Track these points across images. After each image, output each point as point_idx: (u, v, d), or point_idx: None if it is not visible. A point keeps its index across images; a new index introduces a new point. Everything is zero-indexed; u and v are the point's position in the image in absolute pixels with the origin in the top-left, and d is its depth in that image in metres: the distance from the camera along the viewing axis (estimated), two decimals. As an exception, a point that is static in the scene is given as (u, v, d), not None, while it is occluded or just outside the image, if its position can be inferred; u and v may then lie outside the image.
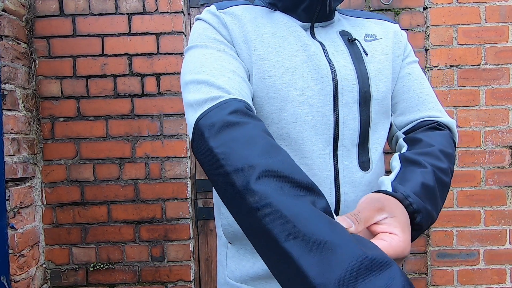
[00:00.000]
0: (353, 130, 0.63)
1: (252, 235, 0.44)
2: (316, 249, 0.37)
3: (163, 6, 1.61)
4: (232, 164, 0.45)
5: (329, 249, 0.36)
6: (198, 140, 0.51)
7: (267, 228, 0.40)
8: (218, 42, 0.62)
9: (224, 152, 0.47)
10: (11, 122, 1.45)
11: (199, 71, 0.57)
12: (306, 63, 0.62)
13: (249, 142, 0.47)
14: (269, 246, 0.41)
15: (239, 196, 0.44)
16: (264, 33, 0.64)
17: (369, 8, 1.61)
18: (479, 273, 1.62)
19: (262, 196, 0.42)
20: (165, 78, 1.62)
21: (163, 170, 1.63)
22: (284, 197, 0.42)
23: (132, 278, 1.64)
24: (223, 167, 0.46)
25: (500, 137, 1.61)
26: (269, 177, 0.43)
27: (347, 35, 0.67)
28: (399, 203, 0.48)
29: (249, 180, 0.43)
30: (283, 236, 0.39)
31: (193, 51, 0.62)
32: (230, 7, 0.66)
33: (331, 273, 0.35)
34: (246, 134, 0.48)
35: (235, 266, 0.68)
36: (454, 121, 0.69)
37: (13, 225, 1.43)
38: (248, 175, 0.44)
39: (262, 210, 0.41)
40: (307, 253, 0.37)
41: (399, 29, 0.74)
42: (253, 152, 0.46)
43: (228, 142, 0.47)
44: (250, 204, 0.42)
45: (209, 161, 0.49)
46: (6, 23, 1.45)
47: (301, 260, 0.37)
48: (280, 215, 0.40)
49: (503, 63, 1.60)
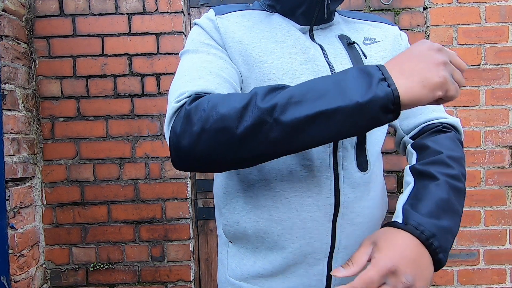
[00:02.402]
0: None
1: (299, 135, 0.48)
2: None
3: (163, 6, 1.61)
4: (232, 118, 0.48)
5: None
6: (180, 141, 0.52)
7: (294, 117, 0.47)
8: (208, 46, 0.64)
9: (216, 119, 0.49)
10: (11, 122, 1.45)
11: (181, 77, 0.60)
12: (305, 65, 0.63)
13: (226, 98, 0.51)
14: (320, 121, 0.47)
15: (256, 127, 0.48)
16: (263, 38, 0.65)
17: (369, 8, 1.61)
18: (479, 273, 1.62)
19: (273, 105, 0.47)
20: (165, 78, 1.62)
21: (163, 170, 1.63)
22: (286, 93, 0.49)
23: (132, 278, 1.64)
24: (226, 128, 0.49)
25: (500, 137, 1.61)
26: (265, 96, 0.49)
27: (346, 39, 0.68)
28: (396, 231, 0.51)
29: (251, 110, 0.48)
30: (314, 106, 0.46)
31: (185, 56, 0.65)
32: (228, 13, 0.68)
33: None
34: (218, 98, 0.51)
35: (236, 265, 0.68)
36: (458, 119, 0.70)
37: (13, 225, 1.43)
38: (251, 107, 0.48)
39: (282, 114, 0.47)
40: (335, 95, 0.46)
41: (399, 32, 0.74)
42: (235, 99, 0.50)
43: (210, 111, 0.50)
44: (271, 118, 0.47)
45: (208, 141, 0.50)
46: (6, 23, 1.45)
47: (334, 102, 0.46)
48: (299, 100, 0.47)
49: (503, 63, 1.60)
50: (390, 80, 0.45)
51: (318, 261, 0.63)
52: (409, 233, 0.50)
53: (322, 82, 0.49)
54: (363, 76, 0.46)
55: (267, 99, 0.48)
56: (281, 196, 0.62)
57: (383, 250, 0.47)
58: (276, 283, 0.65)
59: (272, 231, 0.63)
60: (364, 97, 0.45)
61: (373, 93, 0.45)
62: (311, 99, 0.47)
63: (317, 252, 0.63)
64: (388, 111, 0.46)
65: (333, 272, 0.48)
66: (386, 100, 0.45)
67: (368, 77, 0.46)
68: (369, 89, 0.45)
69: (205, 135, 0.49)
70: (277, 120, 0.47)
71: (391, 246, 0.48)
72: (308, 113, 0.46)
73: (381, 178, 0.72)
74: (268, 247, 0.64)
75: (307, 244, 0.62)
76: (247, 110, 0.48)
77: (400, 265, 0.46)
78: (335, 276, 0.49)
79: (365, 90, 0.45)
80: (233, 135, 0.48)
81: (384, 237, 0.49)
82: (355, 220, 0.64)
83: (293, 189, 0.62)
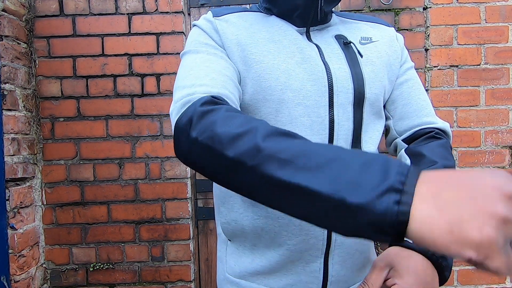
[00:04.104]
0: (347, 130, 0.64)
1: (269, 193, 0.43)
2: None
3: (163, 6, 1.61)
4: (221, 142, 0.46)
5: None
6: (180, 138, 0.52)
7: (270, 174, 0.41)
8: (208, 46, 0.65)
9: (209, 136, 0.48)
10: (11, 122, 1.45)
11: (187, 75, 0.60)
12: (301, 65, 0.64)
13: (229, 119, 0.49)
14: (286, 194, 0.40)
15: (236, 162, 0.44)
16: (260, 38, 0.66)
17: (369, 8, 1.61)
18: (479, 273, 1.62)
19: (259, 150, 0.42)
20: (165, 78, 1.62)
21: (163, 170, 1.63)
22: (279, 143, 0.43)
23: (132, 278, 1.64)
24: (212, 148, 0.47)
25: (500, 137, 1.61)
26: (269, 138, 0.44)
27: (343, 39, 0.69)
28: (409, 253, 0.51)
29: (246, 143, 0.44)
30: (288, 174, 0.39)
31: (186, 57, 0.65)
32: (226, 15, 0.69)
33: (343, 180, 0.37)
34: (222, 115, 0.50)
35: (234, 262, 0.69)
36: (448, 124, 0.72)
37: (13, 225, 1.43)
38: (241, 141, 0.45)
39: (263, 161, 0.42)
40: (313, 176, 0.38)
41: (395, 33, 0.75)
42: (235, 123, 0.47)
43: (209, 126, 0.49)
44: (251, 161, 0.42)
45: (198, 151, 0.49)
46: (6, 23, 1.46)
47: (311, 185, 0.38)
48: (278, 159, 0.41)
49: (503, 63, 1.60)
50: (407, 197, 0.33)
51: (315, 258, 0.64)
52: (422, 255, 0.51)
53: (328, 151, 0.40)
54: (377, 172, 0.35)
55: (262, 140, 0.43)
56: None
57: (404, 276, 0.48)
58: (274, 280, 0.66)
59: (269, 228, 0.64)
60: (354, 198, 0.35)
61: (368, 199, 0.34)
62: (299, 165, 0.39)
63: (313, 249, 0.64)
64: (381, 232, 0.35)
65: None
66: (381, 218, 0.34)
67: (381, 177, 0.35)
68: (368, 192, 0.34)
69: (196, 145, 0.49)
70: (253, 167, 0.42)
71: (411, 271, 0.49)
72: (285, 178, 0.39)
73: None
74: (266, 245, 0.66)
75: (303, 241, 0.63)
76: (238, 141, 0.45)
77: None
78: None
79: (363, 190, 0.35)
80: (218, 158, 0.47)
81: (399, 260, 0.50)
82: None
83: None
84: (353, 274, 0.67)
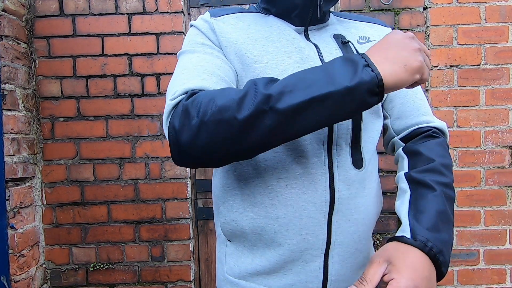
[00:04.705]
0: (346, 129, 0.65)
1: (297, 120, 0.50)
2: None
3: (163, 6, 1.61)
4: (229, 109, 0.50)
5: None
6: (180, 135, 0.53)
7: (289, 104, 0.49)
8: (205, 46, 0.66)
9: (213, 112, 0.50)
10: (11, 122, 1.45)
11: (180, 76, 0.61)
12: (300, 65, 0.64)
13: (221, 92, 0.53)
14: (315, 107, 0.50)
15: (254, 116, 0.50)
16: (258, 38, 0.66)
17: (369, 8, 1.61)
18: (479, 273, 1.62)
19: (268, 95, 0.50)
20: (165, 78, 1.62)
21: (163, 170, 1.63)
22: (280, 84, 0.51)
23: (132, 278, 1.64)
24: (222, 120, 0.50)
25: (500, 137, 1.61)
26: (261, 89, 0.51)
27: (341, 38, 0.70)
28: (407, 247, 0.52)
29: (251, 99, 0.50)
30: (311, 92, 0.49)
31: (182, 57, 0.66)
32: (224, 16, 0.70)
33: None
34: (212, 93, 0.53)
35: (234, 263, 0.69)
36: (445, 123, 0.73)
37: (13, 225, 1.43)
38: (247, 99, 0.50)
39: (279, 102, 0.50)
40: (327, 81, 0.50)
41: None
42: (230, 92, 0.52)
43: (207, 105, 0.51)
44: (267, 106, 0.49)
45: (206, 132, 0.51)
46: (6, 23, 1.46)
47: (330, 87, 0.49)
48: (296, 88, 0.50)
49: (503, 63, 1.60)
50: (373, 66, 0.50)
51: (315, 258, 0.64)
52: (420, 250, 0.51)
53: (311, 72, 0.52)
54: (349, 63, 0.50)
55: (264, 89, 0.50)
56: (277, 193, 0.63)
57: (402, 270, 0.49)
58: (273, 280, 0.65)
59: (269, 228, 0.64)
60: (352, 82, 0.48)
61: (359, 78, 0.48)
62: (303, 87, 0.49)
63: (313, 248, 0.64)
64: (374, 94, 0.50)
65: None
66: (372, 83, 0.49)
67: (353, 64, 0.50)
68: (355, 75, 0.49)
69: (204, 127, 0.50)
70: (272, 108, 0.49)
71: (409, 266, 0.49)
72: (302, 99, 0.49)
73: (376, 176, 0.73)
74: (266, 244, 0.65)
75: (303, 241, 0.63)
76: (244, 100, 0.50)
77: (420, 285, 0.48)
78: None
79: (351, 75, 0.49)
80: (232, 125, 0.50)
81: (398, 255, 0.51)
82: (350, 216, 0.65)
83: (289, 186, 0.63)
84: (353, 273, 0.67)
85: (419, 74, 0.52)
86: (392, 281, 0.48)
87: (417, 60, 0.51)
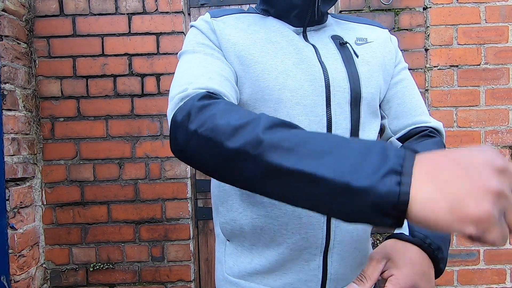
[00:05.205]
0: (345, 129, 0.65)
1: (273, 181, 0.42)
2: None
3: (163, 6, 1.61)
4: (222, 133, 0.46)
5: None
6: (177, 132, 0.52)
7: (274, 162, 0.41)
8: (206, 46, 0.66)
9: (209, 128, 0.48)
10: (11, 122, 1.45)
11: (184, 75, 0.60)
12: (299, 66, 0.65)
13: (229, 111, 0.48)
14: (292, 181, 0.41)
15: (239, 153, 0.44)
16: (257, 39, 0.67)
17: (369, 8, 1.61)
18: (479, 273, 1.62)
19: (262, 140, 0.42)
20: (165, 78, 1.62)
21: (163, 170, 1.63)
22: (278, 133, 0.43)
23: (132, 278, 1.64)
24: (212, 140, 0.47)
25: (500, 137, 1.61)
26: (269, 129, 0.44)
27: (339, 39, 0.70)
28: (406, 244, 0.51)
29: (250, 134, 0.44)
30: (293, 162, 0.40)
31: (183, 57, 0.66)
32: (223, 16, 0.70)
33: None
34: (222, 108, 0.50)
35: (233, 263, 0.70)
36: (441, 123, 0.73)
37: (13, 225, 1.43)
38: (243, 132, 0.44)
39: (267, 150, 0.42)
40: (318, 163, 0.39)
41: (389, 35, 0.77)
42: (236, 116, 0.47)
43: (208, 119, 0.48)
44: (256, 151, 0.42)
45: (197, 144, 0.49)
46: (6, 23, 1.46)
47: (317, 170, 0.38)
48: (282, 148, 0.41)
49: (503, 63, 1.60)
50: (406, 178, 0.34)
51: (314, 257, 0.64)
52: (418, 246, 0.51)
53: (329, 139, 0.41)
54: (376, 156, 0.37)
55: (264, 131, 0.43)
56: None
57: (401, 267, 0.49)
58: (273, 279, 0.66)
59: (269, 227, 0.64)
60: (358, 182, 0.35)
61: (372, 182, 0.35)
62: (302, 153, 0.40)
63: (313, 247, 0.64)
64: (383, 214, 0.36)
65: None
66: (384, 199, 0.35)
67: (381, 160, 0.36)
68: (371, 175, 0.35)
69: (196, 137, 0.49)
70: (256, 157, 0.42)
71: (408, 262, 0.49)
72: (289, 166, 0.40)
73: None
74: (265, 244, 0.66)
75: (302, 239, 0.63)
76: (239, 132, 0.45)
77: (420, 282, 0.48)
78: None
79: (365, 173, 0.36)
80: (218, 149, 0.46)
81: (396, 252, 0.51)
82: None
83: None
84: (352, 272, 0.67)
85: (477, 229, 0.32)
86: (392, 277, 0.48)
87: (479, 205, 0.31)
